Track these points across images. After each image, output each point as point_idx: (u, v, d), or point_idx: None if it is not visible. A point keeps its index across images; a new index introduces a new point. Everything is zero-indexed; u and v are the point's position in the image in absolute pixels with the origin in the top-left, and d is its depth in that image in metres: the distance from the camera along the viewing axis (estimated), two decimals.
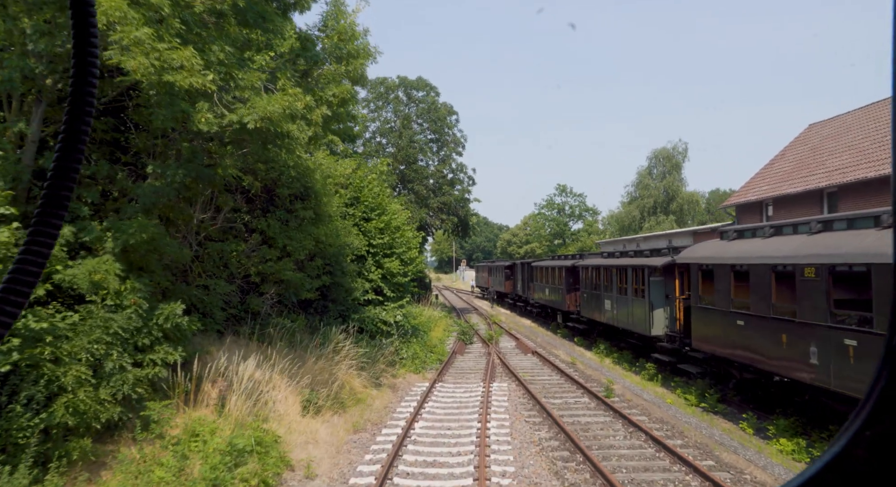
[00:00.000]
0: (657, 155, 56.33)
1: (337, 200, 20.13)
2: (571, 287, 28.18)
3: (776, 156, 30.07)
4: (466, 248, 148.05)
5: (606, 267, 22.16)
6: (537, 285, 35.18)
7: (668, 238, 38.72)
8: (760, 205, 27.72)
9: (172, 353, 10.57)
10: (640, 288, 18.66)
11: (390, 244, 21.77)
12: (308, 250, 16.13)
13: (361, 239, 20.78)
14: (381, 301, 21.13)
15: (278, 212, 15.85)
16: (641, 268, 18.59)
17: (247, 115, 9.93)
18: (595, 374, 19.19)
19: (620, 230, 57.43)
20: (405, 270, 22.11)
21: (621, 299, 20.47)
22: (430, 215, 38.02)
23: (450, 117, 39.86)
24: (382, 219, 21.62)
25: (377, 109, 39.00)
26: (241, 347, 14.06)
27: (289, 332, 15.27)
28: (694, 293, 14.97)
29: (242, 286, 15.21)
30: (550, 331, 31.65)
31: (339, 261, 18.13)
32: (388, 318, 20.05)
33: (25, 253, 0.78)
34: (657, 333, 17.82)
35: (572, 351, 24.29)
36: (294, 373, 13.56)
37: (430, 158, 39.21)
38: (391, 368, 18.49)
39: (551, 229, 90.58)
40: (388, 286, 21.37)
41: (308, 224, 16.43)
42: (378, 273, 21.10)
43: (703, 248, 15.18)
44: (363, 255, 21.12)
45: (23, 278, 0.77)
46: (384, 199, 22.41)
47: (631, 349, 21.18)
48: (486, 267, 58.79)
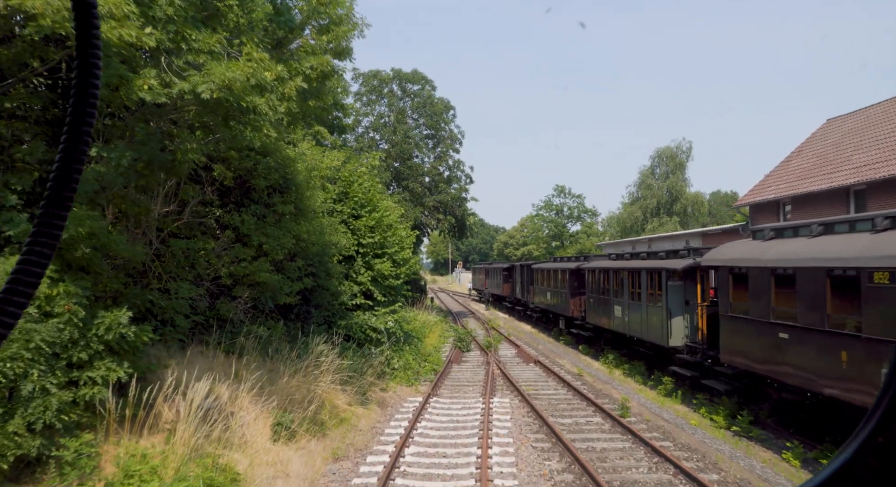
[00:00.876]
0: (660, 154, 54.62)
1: (323, 195, 18.35)
2: (575, 291, 26.41)
3: (792, 153, 28.39)
4: (462, 250, 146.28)
5: (616, 270, 20.40)
6: (538, 289, 33.42)
7: (674, 240, 37.04)
8: (777, 204, 26.03)
9: (116, 369, 8.81)
10: (656, 293, 16.90)
11: (381, 244, 19.99)
12: (287, 250, 14.33)
13: (350, 238, 18.99)
14: (371, 306, 19.33)
15: (254, 206, 14.05)
16: (658, 271, 16.83)
17: (201, 83, 8.14)
18: (605, 388, 17.43)
19: (622, 232, 55.71)
20: (397, 271, 20.33)
21: (634, 305, 18.71)
22: (425, 215, 36.19)
23: (446, 113, 38.08)
24: (373, 216, 19.84)
25: (370, 103, 37.20)
26: (206, 359, 12.27)
27: (263, 342, 13.48)
28: (723, 300, 13.22)
29: (212, 290, 13.40)
30: (552, 338, 29.87)
31: (323, 262, 16.33)
32: (378, 324, 18.26)
33: (28, 254, 0.79)
34: (676, 344, 16.06)
35: (577, 361, 22.52)
36: (267, 390, 11.77)
37: (426, 154, 37.41)
38: (380, 380, 16.70)
39: (549, 231, 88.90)
40: (378, 290, 19.58)
41: (288, 220, 14.65)
42: (368, 275, 19.31)
43: (734, 249, 13.43)
44: (351, 255, 19.34)
45: (25, 279, 0.78)
46: (375, 195, 20.63)
47: (643, 359, 19.42)
48: (484, 269, 57.02)
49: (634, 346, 20.06)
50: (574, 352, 24.87)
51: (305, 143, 18.58)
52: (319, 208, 17.68)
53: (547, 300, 31.20)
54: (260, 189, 14.19)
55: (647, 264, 17.87)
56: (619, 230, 56.68)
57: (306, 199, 15.38)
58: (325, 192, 18.67)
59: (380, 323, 18.28)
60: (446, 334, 30.48)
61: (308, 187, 15.68)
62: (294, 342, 15.16)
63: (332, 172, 18.77)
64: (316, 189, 18.33)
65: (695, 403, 14.88)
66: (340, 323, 17.40)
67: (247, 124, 9.31)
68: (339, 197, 20.11)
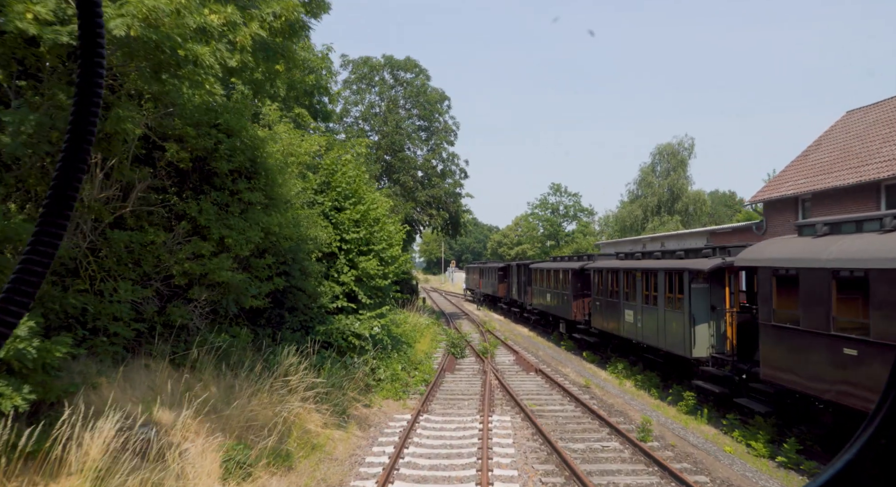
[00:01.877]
0: (661, 151, 52.74)
1: (301, 184, 16.31)
2: (579, 293, 24.46)
3: (810, 146, 26.54)
4: (456, 249, 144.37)
5: (628, 270, 18.44)
6: (536, 290, 31.46)
7: (679, 239, 35.18)
8: (796, 201, 24.17)
9: (11, 395, 6.83)
10: (677, 297, 14.95)
11: (367, 240, 17.96)
12: (254, 245, 12.29)
13: (331, 233, 16.96)
14: (355, 309, 17.31)
15: (215, 193, 11.99)
16: (678, 272, 14.88)
17: (115, 16, 6.10)
18: (618, 402, 15.47)
19: (621, 231, 53.82)
20: (385, 271, 18.30)
21: (648, 310, 16.75)
22: (417, 210, 34.13)
23: (441, 103, 36.03)
24: (358, 209, 17.80)
25: (359, 92, 35.06)
26: (151, 375, 10.26)
27: (223, 353, 11.44)
28: (764, 307, 11.26)
29: (162, 291, 11.32)
30: (552, 342, 27.91)
31: (298, 259, 14.29)
32: (363, 330, 16.22)
33: (31, 253, 0.79)
34: (700, 354, 14.11)
35: (582, 370, 20.56)
36: (222, 415, 9.75)
37: (419, 146, 35.33)
38: (364, 395, 14.69)
39: (545, 230, 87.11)
40: (363, 291, 17.55)
41: (256, 210, 12.62)
42: (351, 275, 17.28)
43: (778, 246, 11.46)
44: (333, 252, 17.30)
45: (28, 279, 0.78)
46: (361, 185, 18.59)
47: (656, 369, 17.48)
48: (478, 269, 55.03)
49: (645, 354, 18.12)
50: (577, 359, 22.91)
51: (283, 125, 16.53)
52: (296, 198, 15.65)
53: (546, 302, 29.24)
54: (222, 173, 12.13)
55: (664, 265, 15.91)
56: (618, 229, 54.81)
57: (279, 186, 13.34)
58: (303, 181, 16.62)
59: (364, 329, 16.25)
60: (438, 337, 28.48)
61: (282, 172, 13.64)
62: (263, 352, 13.15)
63: (312, 158, 16.71)
64: (293, 177, 16.30)
65: (725, 424, 12.93)
66: (319, 329, 15.36)
67: (183, 78, 7.25)
68: (321, 187, 18.08)
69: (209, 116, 11.87)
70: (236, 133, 12.34)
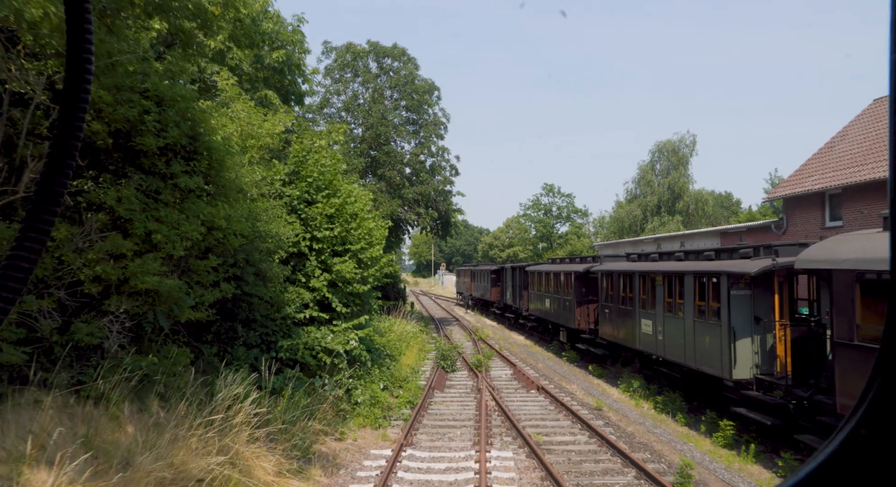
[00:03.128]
0: (661, 148, 50.42)
1: (262, 172, 13.76)
2: (583, 299, 22.02)
3: (834, 137, 24.25)
4: (446, 251, 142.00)
5: (644, 274, 15.99)
6: (534, 294, 28.99)
7: (686, 240, 32.87)
8: (822, 196, 21.86)
9: None
10: (710, 306, 12.51)
11: (343, 238, 15.42)
12: (192, 242, 9.75)
13: (298, 229, 14.41)
14: (328, 319, 14.77)
15: (139, 177, 9.43)
16: (714, 276, 12.44)
17: None
18: (639, 431, 13.01)
19: (619, 232, 51.48)
20: (364, 274, 15.77)
21: (672, 320, 14.30)
22: (404, 209, 31.56)
23: (430, 94, 33.50)
24: (332, 202, 15.26)
25: (341, 80, 32.42)
26: (39, 413, 7.69)
27: (148, 381, 8.89)
28: (841, 320, 8.82)
29: (66, 302, 8.73)
30: (552, 353, 25.42)
31: (254, 260, 11.73)
32: (336, 345, 13.66)
33: (26, 231, 0.80)
34: (742, 375, 11.66)
35: (590, 387, 18.09)
36: (129, 464, 7.21)
37: (406, 140, 32.76)
38: (334, 426, 12.14)
39: (537, 232, 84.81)
40: (338, 298, 15.01)
41: (197, 200, 10.09)
42: (324, 279, 14.74)
43: (860, 244, 9.00)
44: (302, 253, 14.76)
45: (20, 265, 0.80)
46: (337, 175, 16.06)
47: (678, 387, 15.05)
48: (469, 271, 52.52)
49: (660, 367, 15.68)
50: (583, 374, 20.43)
51: (242, 102, 13.96)
52: (255, 188, 13.11)
53: (545, 308, 26.77)
54: (151, 152, 9.54)
55: (694, 267, 13.47)
56: (616, 230, 52.46)
57: (227, 171, 10.78)
58: (266, 168, 14.06)
59: (337, 344, 13.69)
60: (427, 347, 25.96)
61: (231, 155, 11.07)
62: (208, 375, 10.58)
63: (278, 141, 14.13)
64: (253, 163, 13.75)
65: (780, 465, 10.45)
66: (282, 344, 12.79)
67: None
68: (289, 178, 15.53)
69: (132, 80, 9.33)
70: (169, 102, 9.81)
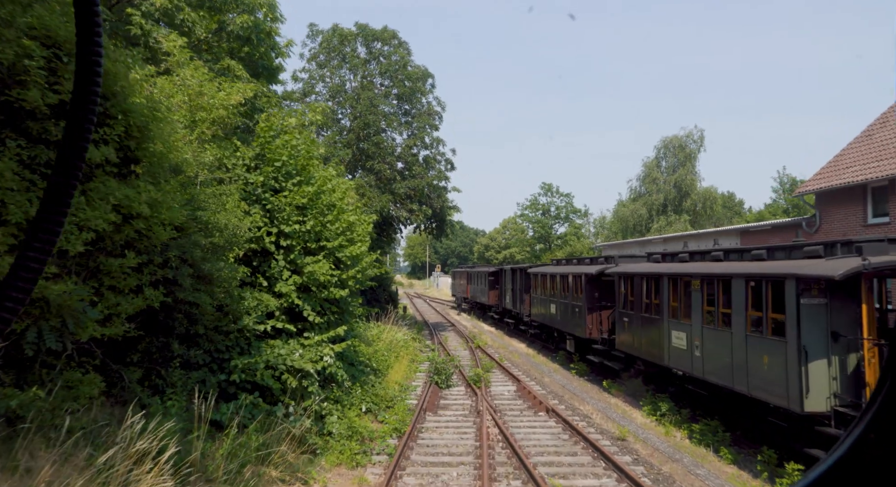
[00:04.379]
0: (667, 144, 47.97)
1: (214, 151, 11.20)
2: (595, 304, 19.53)
3: (873, 124, 21.85)
4: (441, 252, 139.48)
5: (676, 277, 13.50)
6: (537, 299, 26.50)
7: (699, 239, 30.43)
8: (864, 189, 19.44)
9: None
10: (770, 317, 10.03)
11: (317, 234, 12.90)
12: (100, 233, 7.28)
13: (261, 222, 11.88)
14: (299, 331, 12.26)
15: (16, 144, 6.92)
16: (777, 280, 9.95)
17: None
18: (677, 472, 10.52)
19: (622, 232, 49.00)
20: (343, 277, 13.24)
21: (714, 333, 11.81)
22: (395, 205, 29.00)
23: (424, 82, 30.97)
24: (304, 190, 12.74)
25: (326, 65, 29.76)
26: None
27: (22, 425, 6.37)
28: None
29: None
30: (558, 364, 22.90)
31: (194, 259, 9.16)
32: (304, 364, 11.11)
33: (29, 245, 0.80)
34: (816, 408, 9.17)
35: (608, 408, 15.59)
36: None
37: (398, 131, 30.18)
38: (296, 471, 9.58)
39: (535, 233, 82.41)
40: (310, 305, 12.50)
41: (108, 179, 7.63)
42: (293, 282, 12.21)
43: None
44: (267, 250, 12.23)
45: (25, 275, 0.79)
46: (311, 161, 13.54)
47: (715, 411, 12.58)
48: (465, 273, 50.00)
49: (688, 385, 13.21)
50: (597, 391, 17.92)
51: (192, 69, 11.41)
52: (206, 171, 10.59)
53: (550, 314, 24.28)
54: (39, 112, 7.04)
55: (745, 269, 10.98)
56: (619, 230, 49.99)
57: (153, 142, 8.25)
58: (221, 148, 11.51)
59: (306, 362, 11.13)
60: (420, 356, 23.43)
61: (159, 121, 8.52)
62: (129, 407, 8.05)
63: (232, 113, 11.57)
64: (204, 141, 11.22)
65: None
66: (237, 364, 10.24)
67: None
68: (254, 162, 13.00)
69: (7, 9, 6.84)
70: (66, 45, 7.30)
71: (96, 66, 0.82)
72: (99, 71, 0.83)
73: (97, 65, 0.82)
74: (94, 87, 0.82)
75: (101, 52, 0.82)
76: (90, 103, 0.82)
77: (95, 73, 0.82)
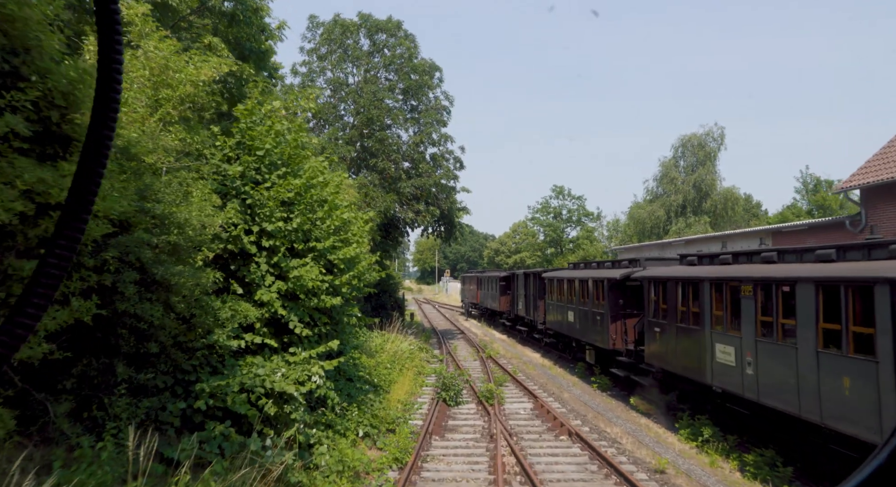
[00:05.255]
0: (685, 143, 45.96)
1: (182, 134, 9.49)
2: (619, 312, 17.71)
3: None
4: (450, 257, 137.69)
5: (721, 281, 11.66)
6: (552, 305, 24.68)
7: (728, 240, 28.50)
8: None
9: None
10: (853, 331, 8.18)
11: (305, 233, 11.20)
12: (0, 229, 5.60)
13: (238, 219, 10.18)
14: (284, 345, 10.56)
15: None
16: (863, 287, 8.10)
17: None
18: None
19: (639, 234, 47.02)
20: (337, 282, 11.51)
21: (774, 349, 9.96)
22: (401, 206, 27.27)
23: (432, 76, 29.25)
24: (290, 183, 11.04)
25: (327, 58, 28.05)
26: None
27: None
28: None
29: None
30: (577, 377, 21.05)
31: (142, 260, 7.44)
32: (286, 386, 9.36)
33: (44, 265, 0.81)
34: None
35: (638, 430, 13.76)
36: None
37: (403, 126, 28.46)
38: None
39: (546, 236, 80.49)
40: (297, 315, 10.78)
41: (16, 156, 5.95)
42: (276, 289, 10.50)
43: None
44: (247, 252, 10.53)
45: (46, 282, 0.80)
46: (299, 150, 11.85)
47: (766, 439, 10.72)
48: (475, 278, 48.20)
49: (728, 405, 11.36)
50: (623, 409, 16.08)
51: (157, 40, 9.72)
52: (168, 155, 8.89)
53: (567, 322, 22.45)
54: None
55: (816, 272, 9.12)
56: (635, 232, 48.00)
57: (80, 113, 6.55)
58: (188, 130, 9.82)
59: (288, 384, 9.39)
60: (427, 368, 21.68)
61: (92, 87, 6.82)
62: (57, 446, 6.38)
63: (201, 91, 9.87)
64: (171, 123, 9.53)
65: None
66: (204, 387, 8.51)
67: None
68: (234, 152, 11.31)
69: None
70: None
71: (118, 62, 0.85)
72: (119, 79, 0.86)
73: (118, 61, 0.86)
74: (116, 93, 0.85)
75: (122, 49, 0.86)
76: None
77: (116, 78, 0.85)
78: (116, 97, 0.85)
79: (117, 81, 0.85)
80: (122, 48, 0.85)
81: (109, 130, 0.83)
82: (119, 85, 0.86)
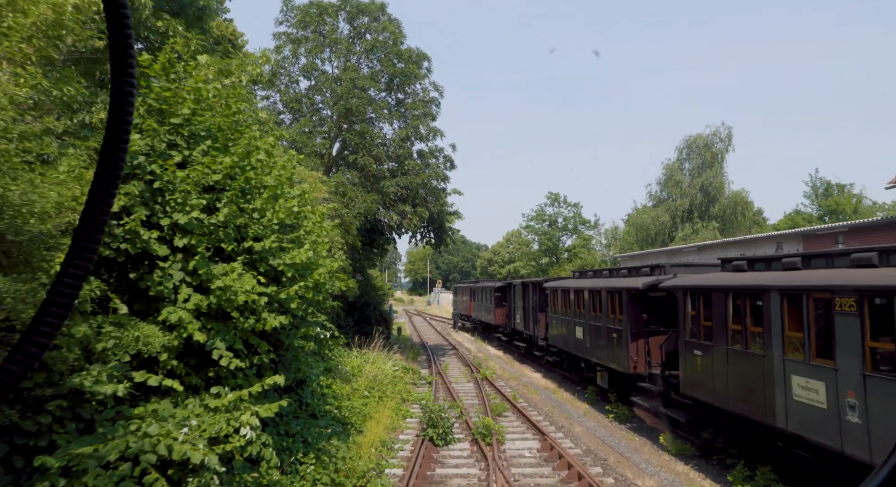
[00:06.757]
0: (690, 144, 43.20)
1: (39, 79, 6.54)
2: (641, 328, 14.79)
3: None
4: (442, 268, 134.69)
5: (800, 292, 8.75)
6: (556, 319, 21.73)
7: (744, 246, 25.68)
8: None
9: None
10: None
11: (238, 229, 8.23)
12: None
13: (139, 208, 7.22)
14: (209, 381, 7.58)
15: None
16: None
17: None
18: None
19: (642, 241, 44.17)
20: (283, 295, 8.49)
21: (886, 384, 7.04)
22: (384, 207, 24.30)
23: (419, 65, 26.42)
24: (220, 161, 8.08)
25: (302, 43, 25.10)
26: None
27: None
28: None
29: None
30: (588, 404, 18.05)
31: None
32: (191, 452, 6.33)
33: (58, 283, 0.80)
34: None
35: (677, 482, 10.77)
36: None
37: (387, 119, 25.51)
38: None
39: (540, 245, 77.63)
40: (225, 341, 7.77)
41: None
42: (193, 305, 7.50)
43: None
44: (151, 252, 7.54)
45: (64, 291, 0.79)
46: (233, 120, 8.91)
47: None
48: (468, 289, 45.18)
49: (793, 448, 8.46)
50: (651, 449, 13.10)
51: None
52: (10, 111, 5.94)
53: (574, 338, 19.51)
54: None
55: None
56: (637, 240, 45.16)
57: None
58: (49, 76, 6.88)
59: (195, 449, 6.37)
60: (413, 393, 18.66)
61: None
62: None
63: (75, 24, 6.91)
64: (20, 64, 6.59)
65: None
66: (52, 462, 5.48)
67: None
68: (140, 119, 8.33)
69: None
70: None
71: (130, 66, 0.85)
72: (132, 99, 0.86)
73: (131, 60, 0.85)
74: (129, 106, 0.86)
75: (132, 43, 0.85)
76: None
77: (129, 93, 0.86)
78: (127, 128, 0.82)
79: (129, 113, 0.82)
80: (135, 91, 0.83)
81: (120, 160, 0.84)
82: (130, 117, 0.83)
